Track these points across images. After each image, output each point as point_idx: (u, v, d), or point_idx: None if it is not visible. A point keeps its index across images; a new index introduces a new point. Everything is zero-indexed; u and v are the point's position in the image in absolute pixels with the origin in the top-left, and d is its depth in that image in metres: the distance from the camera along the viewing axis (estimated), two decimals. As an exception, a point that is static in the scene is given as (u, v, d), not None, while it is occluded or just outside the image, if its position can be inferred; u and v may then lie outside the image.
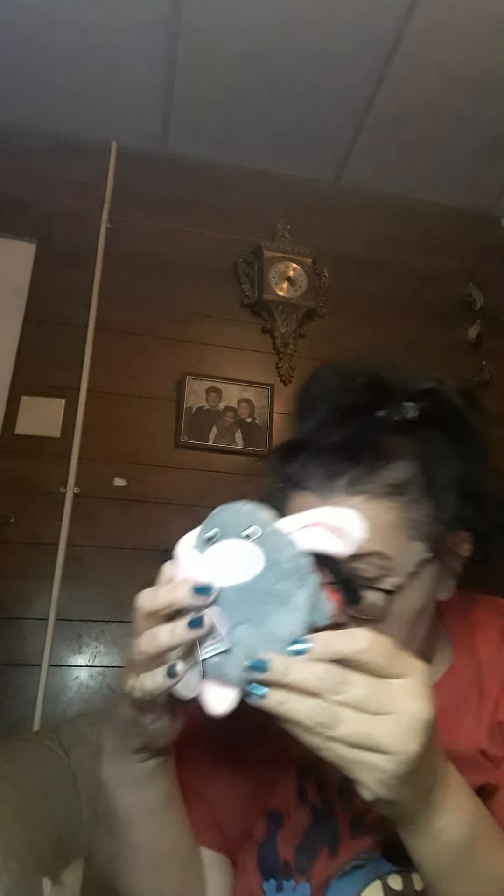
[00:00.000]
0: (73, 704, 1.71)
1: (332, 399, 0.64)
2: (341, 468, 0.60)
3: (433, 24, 1.85)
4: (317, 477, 0.61)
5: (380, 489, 0.59)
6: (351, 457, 0.60)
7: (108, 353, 2.06)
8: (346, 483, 0.60)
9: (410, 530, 0.59)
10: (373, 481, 0.59)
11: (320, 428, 0.63)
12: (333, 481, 0.60)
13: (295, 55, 1.97)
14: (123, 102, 2.18)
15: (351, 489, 0.59)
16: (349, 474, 0.60)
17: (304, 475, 0.62)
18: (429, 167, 2.41)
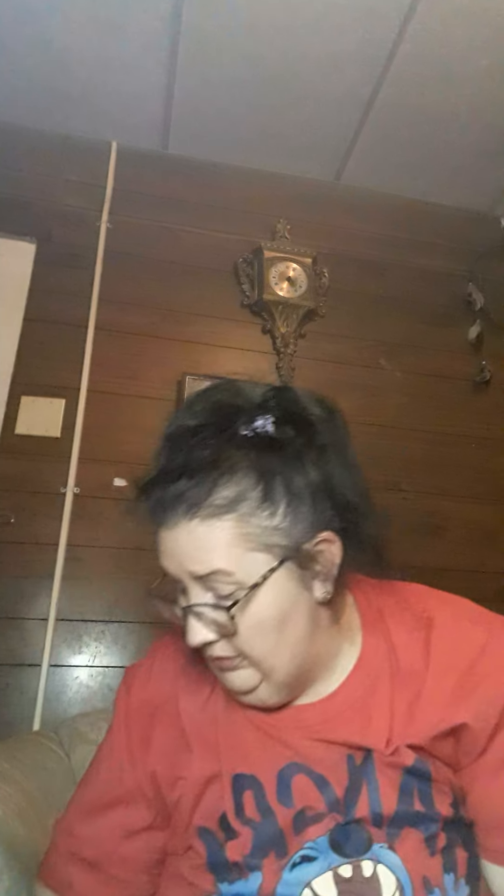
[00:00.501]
0: (73, 704, 1.71)
1: (177, 429, 0.67)
2: (179, 495, 0.63)
3: (433, 24, 1.85)
4: (164, 508, 0.65)
5: (212, 509, 0.62)
6: (187, 481, 0.63)
7: (108, 353, 2.06)
8: (184, 509, 0.63)
9: (248, 543, 0.62)
10: (206, 502, 0.62)
11: (166, 460, 0.66)
12: (175, 509, 0.63)
13: (295, 55, 1.97)
14: (123, 102, 2.18)
15: (188, 514, 0.63)
16: (186, 500, 0.63)
17: (156, 511, 0.66)
18: (429, 167, 2.41)
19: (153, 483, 0.66)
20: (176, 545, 0.64)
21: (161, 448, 0.69)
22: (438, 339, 2.38)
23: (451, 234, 2.55)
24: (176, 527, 0.64)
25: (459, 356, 2.38)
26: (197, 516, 0.63)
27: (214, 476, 0.63)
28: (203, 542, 0.63)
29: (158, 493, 0.65)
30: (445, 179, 2.47)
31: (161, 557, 0.67)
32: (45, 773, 1.10)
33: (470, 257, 2.50)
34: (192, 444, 0.64)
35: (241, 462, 0.63)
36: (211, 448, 0.63)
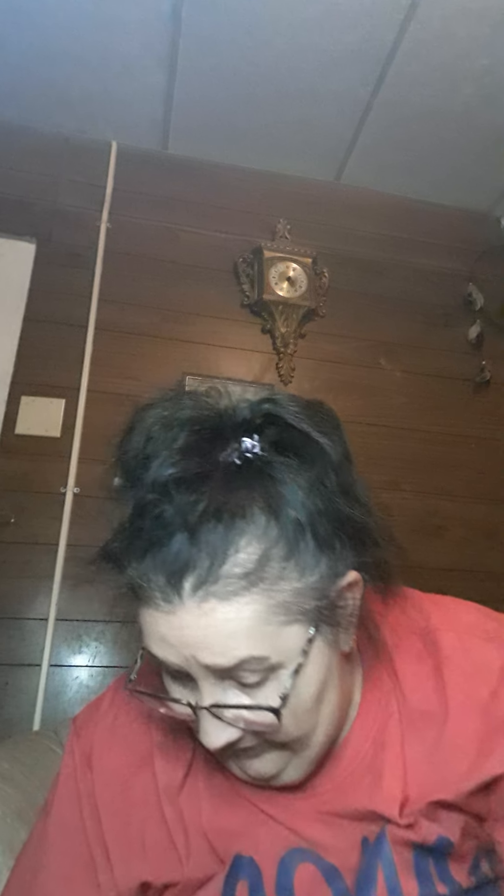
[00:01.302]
0: (73, 704, 1.71)
1: (156, 452, 0.51)
2: (181, 567, 0.48)
3: (433, 24, 1.85)
4: (156, 585, 0.49)
5: (233, 582, 0.47)
6: (187, 543, 0.48)
7: (108, 353, 2.06)
8: (191, 587, 0.47)
9: (280, 616, 0.49)
10: (221, 575, 0.47)
11: (145, 512, 0.50)
12: (176, 589, 0.48)
13: (295, 55, 1.97)
14: (123, 102, 2.18)
15: (199, 594, 0.47)
16: (192, 574, 0.47)
17: (142, 585, 0.50)
18: (429, 167, 2.41)
19: (129, 550, 0.51)
20: (182, 633, 0.48)
21: (129, 492, 0.53)
22: (438, 339, 2.38)
23: (451, 234, 2.55)
24: (179, 610, 0.48)
25: (459, 356, 2.38)
26: (213, 595, 0.47)
27: (225, 530, 0.48)
28: (224, 627, 0.47)
29: (143, 565, 0.49)
30: (445, 179, 2.46)
31: (152, 644, 0.51)
32: (45, 773, 1.10)
33: (470, 257, 2.50)
34: (182, 484, 0.49)
35: (251, 504, 0.49)
36: (210, 488, 0.49)
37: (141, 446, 0.52)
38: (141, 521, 0.50)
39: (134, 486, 0.53)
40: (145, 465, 0.51)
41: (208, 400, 0.55)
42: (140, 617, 0.52)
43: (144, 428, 0.53)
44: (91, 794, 0.60)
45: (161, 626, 0.49)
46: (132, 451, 0.54)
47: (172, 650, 0.49)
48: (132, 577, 0.50)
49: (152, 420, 0.54)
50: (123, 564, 0.52)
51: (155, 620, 0.50)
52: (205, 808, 0.59)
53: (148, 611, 0.50)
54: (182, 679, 0.52)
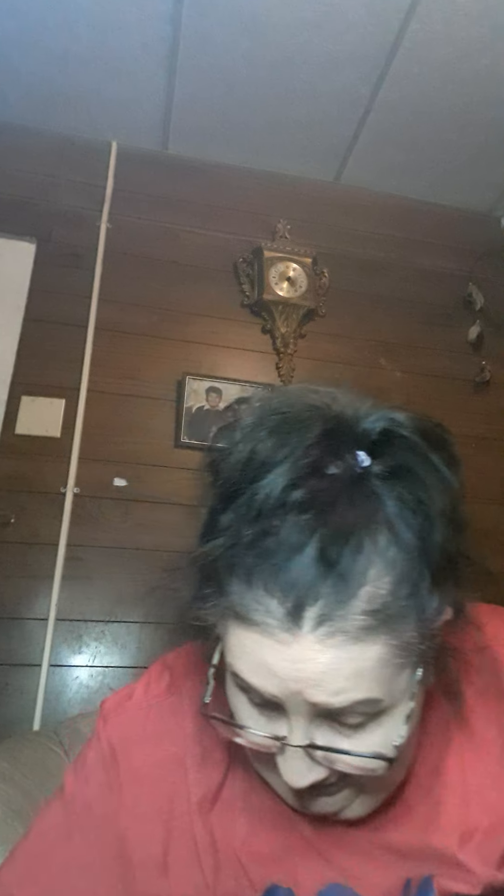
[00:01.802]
0: (73, 704, 1.71)
1: (268, 461, 0.45)
2: (306, 594, 0.42)
3: (433, 24, 1.85)
4: (272, 612, 0.43)
5: (361, 621, 0.42)
6: (314, 572, 0.42)
7: (108, 353, 2.06)
8: (315, 619, 0.42)
9: (399, 659, 0.44)
10: (351, 609, 0.42)
11: (261, 522, 0.44)
12: (297, 619, 0.42)
13: (295, 55, 1.97)
14: (123, 102, 2.18)
15: (323, 628, 0.42)
16: (318, 604, 0.42)
17: (245, 605, 0.44)
18: (429, 167, 2.41)
19: (241, 569, 0.44)
20: (294, 667, 0.43)
21: (229, 502, 0.46)
22: (438, 339, 2.38)
23: (451, 234, 2.55)
24: (297, 642, 0.43)
25: (459, 356, 2.38)
26: (340, 631, 0.42)
27: (354, 556, 0.42)
28: (347, 667, 0.43)
29: (256, 588, 0.44)
30: (445, 179, 2.46)
31: (247, 669, 0.45)
32: (45, 773, 1.10)
33: (470, 257, 2.50)
34: (305, 501, 0.43)
35: (377, 530, 0.44)
36: (335, 507, 0.43)
37: (246, 454, 0.46)
38: (258, 538, 0.44)
39: (236, 496, 0.46)
40: (255, 476, 0.45)
41: (317, 403, 0.49)
42: (233, 636, 0.46)
43: (250, 431, 0.48)
44: (119, 787, 0.56)
45: (269, 654, 0.43)
46: (236, 457, 0.47)
47: (275, 681, 0.44)
48: (238, 601, 0.44)
49: (258, 422, 0.48)
50: (228, 583, 0.45)
51: (260, 647, 0.44)
52: (240, 829, 0.54)
53: (250, 634, 0.44)
54: (268, 709, 0.47)
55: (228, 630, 0.46)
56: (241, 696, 0.48)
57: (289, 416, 0.47)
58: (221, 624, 0.47)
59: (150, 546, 1.89)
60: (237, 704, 0.49)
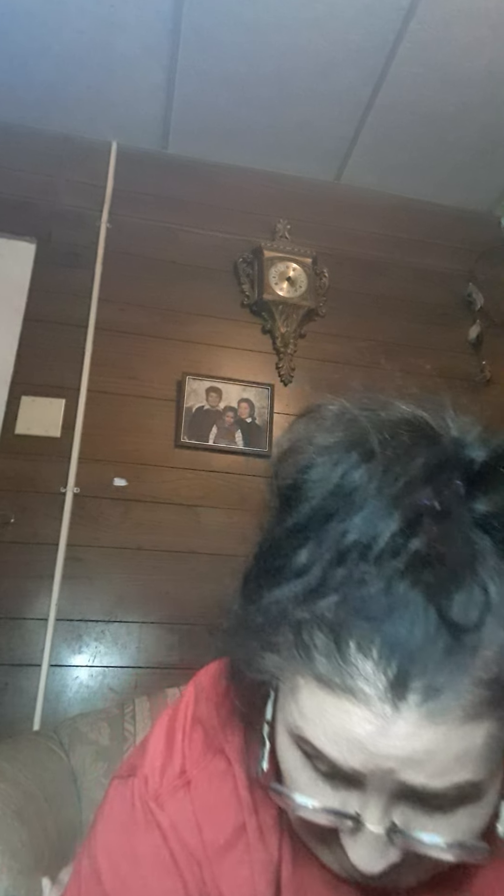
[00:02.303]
0: (73, 704, 1.71)
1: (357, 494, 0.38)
2: (409, 662, 0.35)
3: (433, 24, 1.85)
4: (360, 674, 0.36)
5: (475, 694, 0.36)
6: (423, 633, 0.35)
7: (108, 353, 2.06)
8: (420, 695, 0.35)
9: (500, 741, 0.38)
10: (463, 682, 0.35)
11: (351, 562, 0.37)
12: (398, 692, 0.36)
13: (295, 55, 1.97)
14: (123, 102, 2.18)
15: (431, 704, 0.35)
16: (424, 674, 0.35)
17: (334, 667, 0.37)
18: (429, 167, 2.41)
19: (331, 624, 0.37)
20: (390, 744, 0.36)
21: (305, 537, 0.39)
22: (438, 339, 2.38)
23: (451, 234, 2.55)
24: (398, 717, 0.36)
25: (459, 356, 2.38)
26: (451, 710, 0.35)
27: (476, 616, 0.36)
28: (455, 747, 0.36)
29: (348, 650, 0.37)
30: (445, 179, 2.47)
31: (325, 738, 0.38)
32: (45, 773, 1.10)
33: (470, 257, 2.50)
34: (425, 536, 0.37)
35: (494, 578, 0.37)
36: (455, 542, 0.37)
37: (335, 480, 0.39)
38: (352, 587, 0.36)
39: (317, 531, 0.39)
40: (345, 510, 0.38)
41: (415, 420, 0.43)
42: (309, 698, 0.39)
43: (336, 451, 0.40)
44: (200, 882, 0.49)
45: (359, 726, 0.36)
46: (320, 483, 0.40)
47: (362, 757, 0.37)
48: (324, 660, 0.37)
49: (346, 442, 0.41)
50: (309, 638, 0.38)
51: (348, 717, 0.37)
52: None
53: (337, 701, 0.37)
54: (338, 780, 0.40)
55: (301, 689, 0.39)
56: (302, 760, 0.41)
57: (385, 438, 0.40)
58: (289, 679, 0.40)
59: (150, 546, 1.89)
60: (295, 768, 0.42)
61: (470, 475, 0.40)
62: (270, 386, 2.15)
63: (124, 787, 0.54)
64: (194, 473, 2.00)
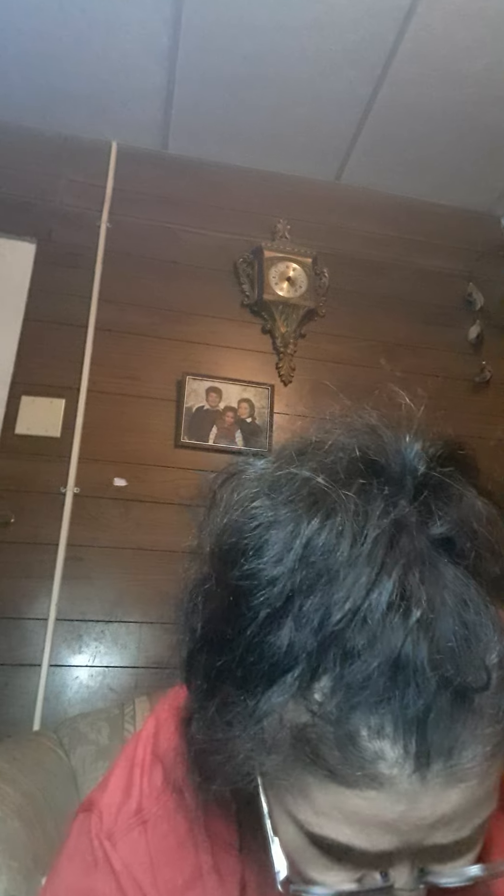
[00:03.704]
0: (73, 704, 1.71)
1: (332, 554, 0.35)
2: (428, 730, 0.33)
3: (433, 24, 1.85)
4: (381, 759, 0.33)
5: (490, 742, 0.34)
6: (434, 696, 0.33)
7: (108, 353, 2.06)
8: (443, 761, 0.34)
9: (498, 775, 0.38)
10: (479, 735, 0.34)
11: (342, 635, 0.34)
12: (421, 766, 0.33)
13: (295, 55, 1.97)
14: (123, 102, 2.18)
15: (453, 769, 0.34)
16: (445, 740, 0.33)
17: (350, 760, 0.34)
18: (429, 167, 2.41)
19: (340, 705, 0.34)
20: (418, 817, 0.35)
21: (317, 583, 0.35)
22: (438, 339, 2.38)
23: (451, 234, 2.55)
24: (426, 790, 0.34)
25: (459, 356, 2.38)
26: (470, 773, 0.34)
27: (480, 661, 0.34)
28: (472, 798, 0.35)
29: (366, 723, 0.33)
30: (445, 179, 2.46)
31: (349, 833, 0.36)
32: (44, 773, 1.10)
33: (470, 257, 2.50)
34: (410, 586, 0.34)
35: (481, 607, 0.36)
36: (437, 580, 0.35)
37: (295, 555, 0.35)
38: (350, 664, 0.33)
39: (291, 608, 0.35)
40: (314, 587, 0.35)
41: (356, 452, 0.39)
42: (322, 796, 0.35)
43: (279, 524, 0.37)
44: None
45: (387, 811, 0.34)
46: (280, 565, 0.36)
47: (391, 837, 0.35)
48: (337, 755, 0.34)
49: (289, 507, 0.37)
50: (312, 736, 0.34)
51: (374, 804, 0.34)
52: None
53: (354, 792, 0.34)
54: (362, 861, 0.38)
55: (311, 787, 0.35)
56: (312, 850, 0.38)
57: (335, 488, 0.36)
58: (297, 779, 0.36)
59: (150, 546, 1.89)
60: (305, 859, 0.39)
61: (419, 496, 0.37)
62: (270, 386, 2.15)
63: (85, 822, 0.52)
64: (194, 473, 2.00)
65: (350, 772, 0.33)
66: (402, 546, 0.35)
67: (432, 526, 0.36)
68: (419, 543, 0.35)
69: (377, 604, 0.33)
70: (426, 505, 0.37)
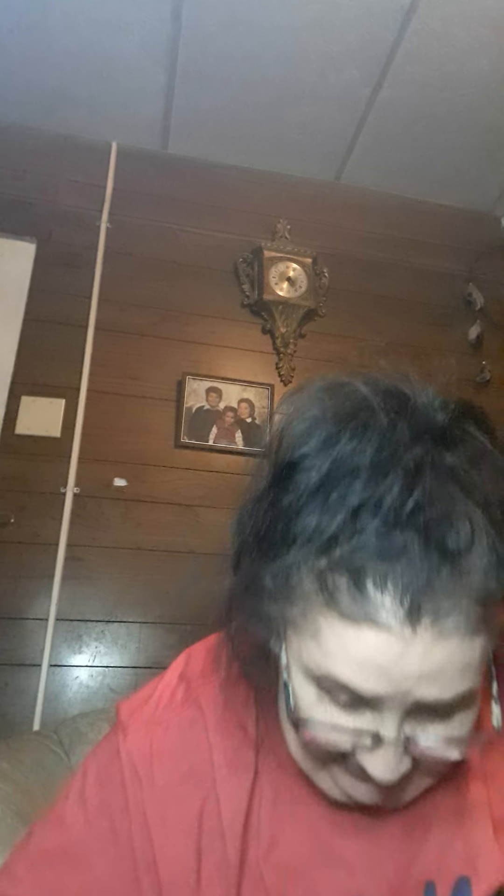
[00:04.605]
0: (73, 704, 1.71)
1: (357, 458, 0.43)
2: (420, 592, 0.41)
3: (433, 24, 1.85)
4: (382, 608, 0.41)
5: (474, 613, 0.42)
6: (428, 566, 0.41)
7: (108, 353, 2.06)
8: (431, 618, 0.41)
9: (491, 645, 0.45)
10: (463, 604, 0.42)
11: (358, 518, 0.42)
12: (413, 618, 0.41)
13: (295, 55, 1.97)
14: (123, 102, 2.18)
15: (439, 626, 0.41)
16: (432, 601, 0.41)
17: (358, 606, 0.42)
18: (429, 167, 2.41)
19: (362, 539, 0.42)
20: (407, 664, 0.42)
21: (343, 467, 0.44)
22: (438, 339, 2.38)
23: (451, 234, 2.55)
24: (413, 641, 0.41)
25: (459, 356, 2.38)
26: (456, 625, 0.41)
27: (467, 546, 0.42)
28: (459, 661, 0.42)
29: (386, 562, 0.42)
30: (445, 179, 2.47)
31: (348, 669, 0.43)
32: (45, 773, 1.10)
33: (470, 257, 2.50)
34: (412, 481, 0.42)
35: (477, 513, 0.43)
36: (443, 489, 0.43)
37: (333, 454, 0.44)
38: (364, 538, 0.42)
39: (322, 497, 0.44)
40: (345, 475, 0.43)
41: (388, 391, 0.50)
42: (332, 637, 0.43)
43: (325, 425, 0.46)
44: (140, 806, 0.53)
45: (382, 654, 0.42)
46: (318, 455, 0.45)
47: (385, 681, 0.42)
48: (348, 601, 0.42)
49: (333, 417, 0.47)
50: (331, 584, 0.43)
51: (372, 647, 0.42)
52: (264, 839, 0.52)
53: (362, 635, 0.42)
54: (354, 707, 0.45)
55: (322, 630, 0.44)
56: (317, 696, 0.46)
57: (371, 409, 0.46)
58: (311, 623, 0.44)
59: (150, 546, 1.89)
60: (310, 705, 0.46)
61: (436, 435, 0.45)
62: (270, 386, 2.15)
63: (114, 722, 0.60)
64: (194, 473, 2.00)
65: (356, 613, 0.42)
66: (416, 457, 0.43)
67: (447, 456, 0.44)
68: (432, 459, 0.43)
69: (389, 493, 0.41)
70: (443, 440, 0.45)
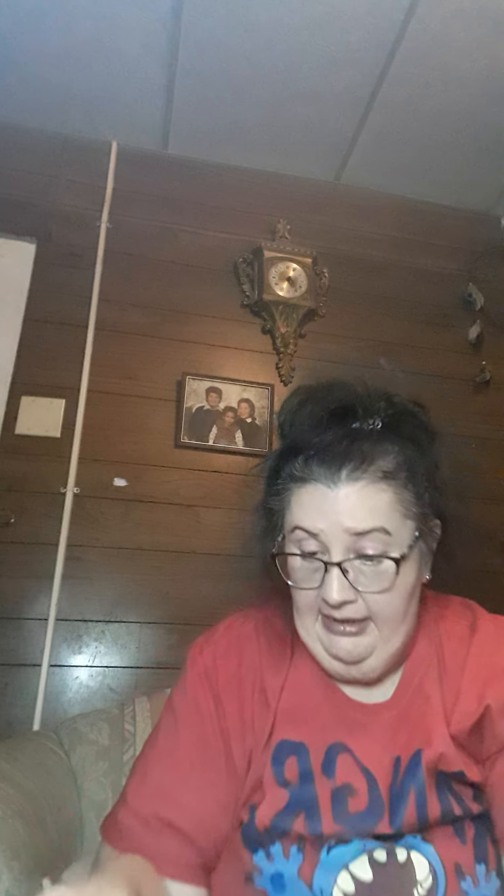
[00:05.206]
0: (73, 704, 1.71)
1: (314, 412, 0.73)
2: (340, 462, 0.69)
3: (433, 24, 1.85)
4: (320, 471, 0.70)
5: (376, 475, 0.69)
6: (345, 454, 0.69)
7: (108, 353, 2.06)
8: (346, 474, 0.68)
9: (404, 509, 0.69)
10: (367, 470, 0.69)
11: (312, 434, 0.71)
12: (336, 473, 0.68)
13: (295, 55, 1.97)
14: (123, 102, 2.18)
15: (351, 477, 0.68)
16: (347, 467, 0.69)
17: (308, 472, 0.70)
18: (429, 167, 2.41)
19: (310, 442, 0.70)
20: (336, 502, 0.68)
21: (298, 423, 0.74)
22: (438, 339, 2.38)
23: (451, 234, 2.55)
24: (339, 484, 0.68)
25: (459, 356, 2.38)
26: (361, 479, 0.68)
27: (378, 448, 0.70)
28: (368, 501, 0.68)
29: (320, 452, 0.70)
30: (445, 179, 2.47)
31: (304, 514, 0.70)
32: (45, 773, 1.10)
33: (470, 257, 2.50)
34: (337, 429, 0.70)
35: (387, 445, 0.71)
36: (355, 434, 0.70)
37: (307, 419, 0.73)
38: (315, 448, 0.70)
39: (294, 426, 0.74)
40: (304, 424, 0.73)
41: (349, 389, 0.76)
42: (295, 498, 0.71)
43: (298, 403, 0.76)
44: (217, 696, 0.76)
45: (320, 500, 0.69)
46: (293, 417, 0.75)
47: (322, 517, 0.68)
48: (302, 473, 0.70)
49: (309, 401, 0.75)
50: (297, 470, 0.71)
51: (313, 497, 0.69)
52: (285, 702, 0.75)
53: (308, 490, 0.70)
54: (312, 558, 0.70)
55: (292, 498, 0.72)
56: (295, 555, 0.71)
57: (322, 392, 0.76)
58: (294, 496, 0.72)
59: (150, 546, 1.89)
60: (293, 564, 0.72)
61: (380, 414, 0.73)
62: (270, 386, 2.15)
63: None
64: (194, 473, 2.00)
65: (307, 479, 0.70)
66: (346, 418, 0.72)
67: (385, 427, 0.72)
68: (362, 425, 0.72)
69: (325, 419, 0.71)
70: (384, 420, 0.73)
